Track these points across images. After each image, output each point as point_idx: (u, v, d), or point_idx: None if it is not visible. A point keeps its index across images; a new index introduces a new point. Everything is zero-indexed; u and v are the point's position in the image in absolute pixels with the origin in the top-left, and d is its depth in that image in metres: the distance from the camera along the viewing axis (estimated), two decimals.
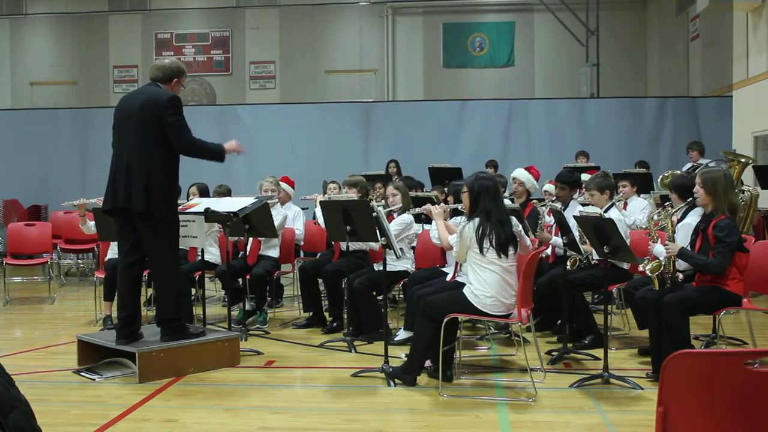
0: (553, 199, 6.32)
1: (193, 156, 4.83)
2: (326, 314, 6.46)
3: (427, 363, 4.63)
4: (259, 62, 16.61)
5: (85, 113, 12.28)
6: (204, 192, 7.06)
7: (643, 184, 7.91)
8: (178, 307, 4.95)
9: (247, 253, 6.47)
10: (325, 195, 7.59)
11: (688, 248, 4.62)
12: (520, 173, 6.62)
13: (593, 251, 5.22)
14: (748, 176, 9.19)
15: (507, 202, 6.05)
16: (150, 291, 6.22)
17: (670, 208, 4.97)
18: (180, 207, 5.50)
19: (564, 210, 5.83)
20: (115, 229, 4.95)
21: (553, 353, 5.22)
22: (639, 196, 7.41)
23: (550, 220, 6.06)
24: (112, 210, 4.80)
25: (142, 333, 4.95)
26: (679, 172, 7.68)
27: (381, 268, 5.27)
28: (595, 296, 7.14)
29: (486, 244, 4.32)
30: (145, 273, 5.44)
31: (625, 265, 5.44)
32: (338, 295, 6.21)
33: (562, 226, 5.29)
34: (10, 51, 17.07)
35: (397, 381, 4.53)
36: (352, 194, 6.56)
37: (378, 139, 11.99)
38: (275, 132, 12.08)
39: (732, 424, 1.84)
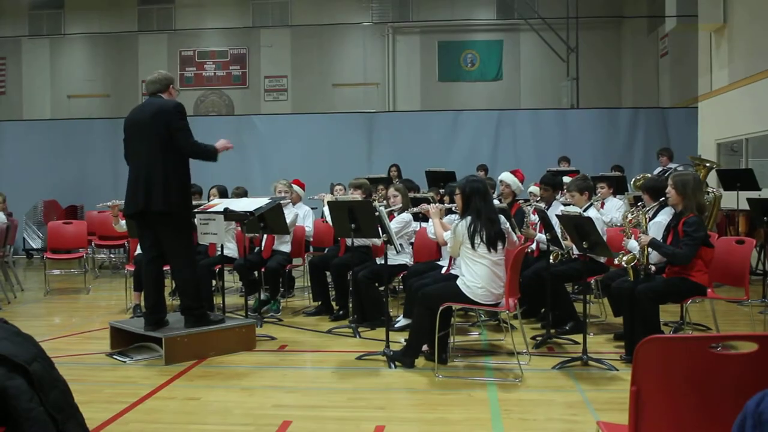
0: (538, 199, 6.31)
1: (194, 157, 4.84)
2: (333, 303, 6.46)
3: (424, 347, 4.63)
4: (273, 76, 16.60)
5: (116, 123, 12.15)
6: (223, 193, 7.06)
7: (618, 186, 7.91)
8: (199, 296, 4.95)
9: (262, 248, 6.47)
10: (332, 196, 7.58)
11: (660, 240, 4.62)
12: (507, 176, 6.61)
13: (574, 246, 5.22)
14: (712, 179, 9.18)
15: (496, 202, 6.06)
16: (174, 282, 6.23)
17: (642, 208, 4.96)
18: (201, 207, 5.51)
19: (547, 209, 5.83)
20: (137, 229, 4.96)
21: (537, 338, 5.22)
22: (615, 196, 7.40)
23: (535, 218, 6.05)
24: (133, 214, 4.81)
25: (168, 320, 4.95)
26: (650, 175, 7.66)
27: (383, 261, 5.28)
28: (575, 287, 7.13)
29: (477, 239, 4.31)
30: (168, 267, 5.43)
31: (602, 259, 5.43)
32: (344, 286, 6.22)
33: (546, 224, 5.29)
34: (50, 67, 17.08)
35: (397, 363, 4.54)
36: (357, 195, 6.55)
37: (380, 145, 11.98)
38: (287, 139, 12.07)
39: (696, 400, 1.84)
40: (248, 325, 5.14)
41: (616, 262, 4.80)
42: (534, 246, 6.10)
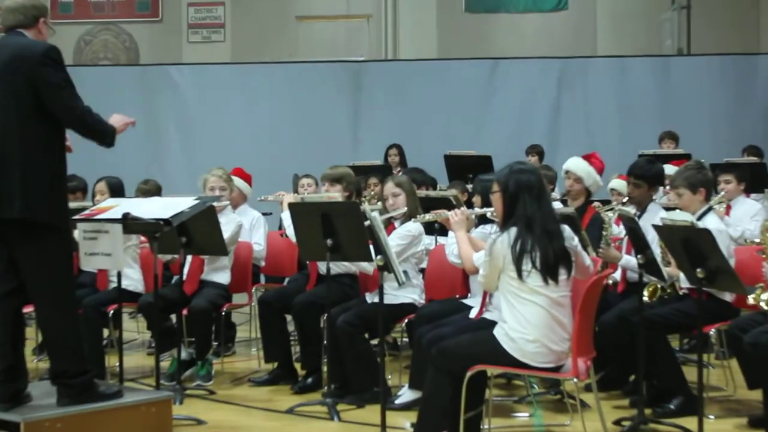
0: (624, 200, 6.32)
1: (83, 133, 4.81)
2: (297, 366, 6.46)
3: None
4: (202, 4, 16.61)
5: None
6: (119, 190, 7.04)
7: (754, 179, 7.91)
8: (81, 355, 4.92)
9: (184, 277, 6.45)
10: (297, 195, 7.56)
11: None
12: (576, 164, 6.60)
13: (681, 275, 5.21)
14: None
15: (557, 205, 6.03)
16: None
17: None
18: (86, 212, 5.49)
19: (640, 217, 5.84)
20: None
21: (624, 423, 5.22)
22: (749, 196, 7.40)
23: (619, 230, 6.04)
24: None
25: (30, 393, 4.92)
26: None
27: (376, 299, 5.26)
28: (685, 341, 7.13)
29: (527, 265, 4.32)
30: (29, 308, 5.40)
31: (729, 297, 5.43)
32: (315, 339, 6.21)
33: (637, 240, 5.28)
34: None
35: None
36: (335, 193, 6.54)
37: (372, 114, 11.98)
38: (225, 104, 12.06)
39: None
40: (160, 400, 5.11)
41: (750, 301, 4.80)
42: (618, 275, 6.10)
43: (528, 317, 4.33)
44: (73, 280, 5.05)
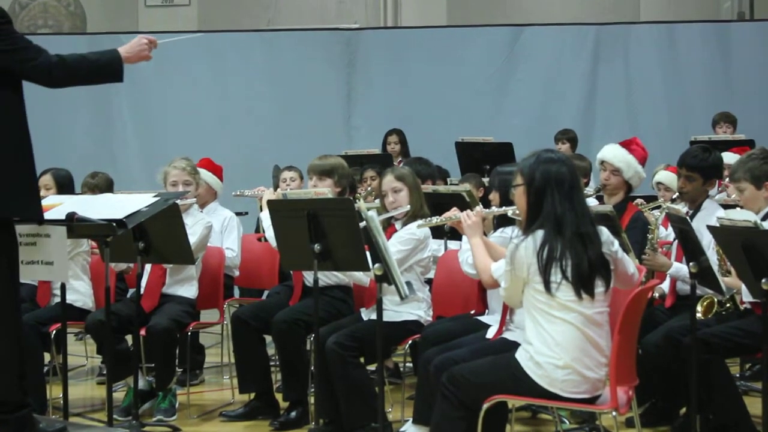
0: (674, 197, 6.32)
1: (72, 84, 4.85)
2: (278, 396, 6.47)
3: None
4: None
5: None
6: (68, 184, 7.05)
7: None
8: (19, 383, 4.94)
9: (141, 291, 6.46)
10: (278, 191, 7.56)
11: None
12: (613, 152, 6.57)
13: (743, 287, 5.22)
14: None
15: (592, 201, 6.03)
16: None
17: None
18: None
19: (693, 216, 5.85)
20: None
21: None
22: None
23: (667, 233, 6.05)
24: None
25: None
26: None
27: (373, 316, 5.27)
28: (747, 366, 7.14)
29: (556, 275, 4.32)
30: None
31: None
32: (299, 364, 6.23)
33: (689, 245, 5.29)
34: None
35: None
36: (324, 189, 6.54)
37: (368, 93, 11.96)
38: (190, 81, 12.02)
39: None
40: None
41: None
42: (666, 286, 6.11)
43: (557, 338, 4.34)
44: (17, 290, 5.04)
